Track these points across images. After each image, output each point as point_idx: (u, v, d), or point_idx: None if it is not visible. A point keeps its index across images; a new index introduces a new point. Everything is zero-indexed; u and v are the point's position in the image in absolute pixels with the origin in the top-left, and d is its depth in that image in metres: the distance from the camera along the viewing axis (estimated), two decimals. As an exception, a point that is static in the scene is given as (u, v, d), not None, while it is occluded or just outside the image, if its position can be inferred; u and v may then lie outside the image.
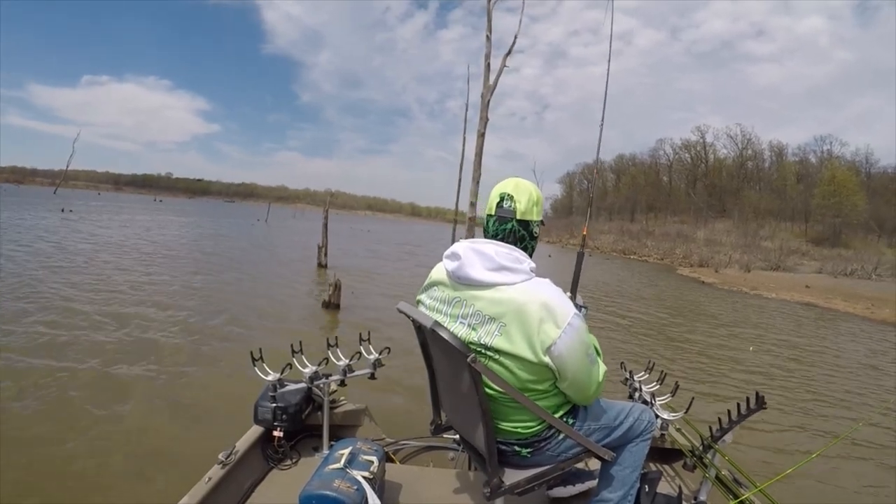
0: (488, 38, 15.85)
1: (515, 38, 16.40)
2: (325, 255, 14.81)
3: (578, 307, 1.84)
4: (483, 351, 1.50)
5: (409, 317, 1.70)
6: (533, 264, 1.55)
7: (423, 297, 1.75)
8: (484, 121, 15.53)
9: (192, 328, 6.71)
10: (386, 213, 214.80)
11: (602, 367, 1.63)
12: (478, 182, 15.32)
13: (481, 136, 15.37)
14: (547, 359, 1.44)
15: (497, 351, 1.47)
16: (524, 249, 1.61)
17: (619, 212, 78.36)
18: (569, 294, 1.71)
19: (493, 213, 1.62)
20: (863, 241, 52.74)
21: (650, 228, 63.25)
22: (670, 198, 72.27)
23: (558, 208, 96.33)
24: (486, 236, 1.64)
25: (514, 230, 1.59)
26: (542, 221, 1.67)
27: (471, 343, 1.51)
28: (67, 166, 71.98)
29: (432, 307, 1.67)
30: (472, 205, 15.38)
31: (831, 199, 53.67)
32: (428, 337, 1.77)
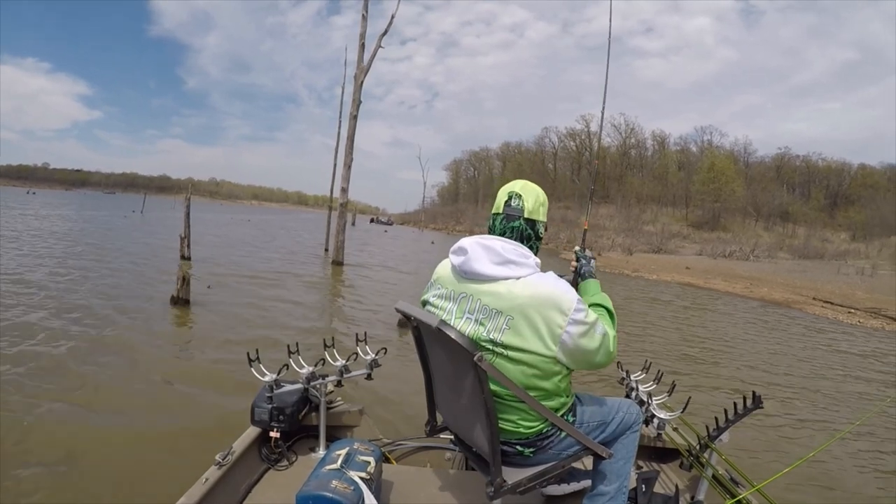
0: (364, 18, 15.85)
1: (392, 17, 16.61)
2: (188, 246, 14.06)
3: (588, 259, 1.99)
4: (492, 347, 1.55)
5: (408, 317, 1.75)
6: (538, 260, 1.61)
7: (427, 296, 1.79)
8: (356, 103, 15.53)
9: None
10: (272, 203, 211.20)
11: (612, 334, 1.65)
12: (349, 167, 15.23)
13: (353, 118, 15.34)
14: (557, 349, 1.52)
15: (506, 346, 1.53)
16: (529, 248, 1.65)
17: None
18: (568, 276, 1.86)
19: (500, 211, 1.69)
20: (741, 224, 59.11)
21: (535, 214, 66.02)
22: (555, 184, 76.05)
23: (444, 195, 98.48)
24: (492, 234, 1.69)
25: (521, 228, 1.67)
26: (546, 225, 1.75)
27: (479, 339, 1.56)
28: (-72, 156, 64.57)
29: (437, 305, 1.71)
30: (344, 190, 15.26)
31: (711, 185, 59.54)
32: (429, 337, 1.82)
